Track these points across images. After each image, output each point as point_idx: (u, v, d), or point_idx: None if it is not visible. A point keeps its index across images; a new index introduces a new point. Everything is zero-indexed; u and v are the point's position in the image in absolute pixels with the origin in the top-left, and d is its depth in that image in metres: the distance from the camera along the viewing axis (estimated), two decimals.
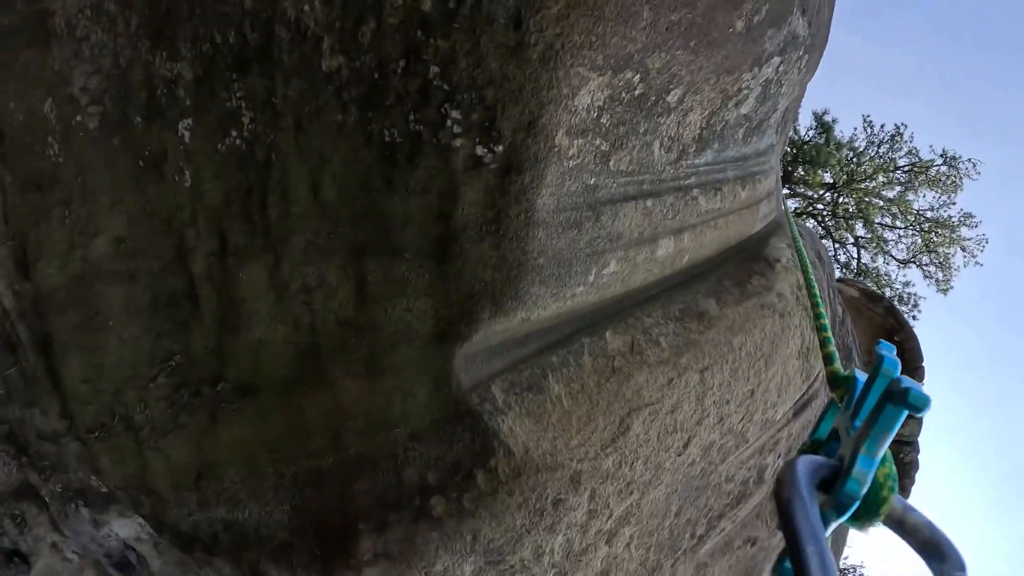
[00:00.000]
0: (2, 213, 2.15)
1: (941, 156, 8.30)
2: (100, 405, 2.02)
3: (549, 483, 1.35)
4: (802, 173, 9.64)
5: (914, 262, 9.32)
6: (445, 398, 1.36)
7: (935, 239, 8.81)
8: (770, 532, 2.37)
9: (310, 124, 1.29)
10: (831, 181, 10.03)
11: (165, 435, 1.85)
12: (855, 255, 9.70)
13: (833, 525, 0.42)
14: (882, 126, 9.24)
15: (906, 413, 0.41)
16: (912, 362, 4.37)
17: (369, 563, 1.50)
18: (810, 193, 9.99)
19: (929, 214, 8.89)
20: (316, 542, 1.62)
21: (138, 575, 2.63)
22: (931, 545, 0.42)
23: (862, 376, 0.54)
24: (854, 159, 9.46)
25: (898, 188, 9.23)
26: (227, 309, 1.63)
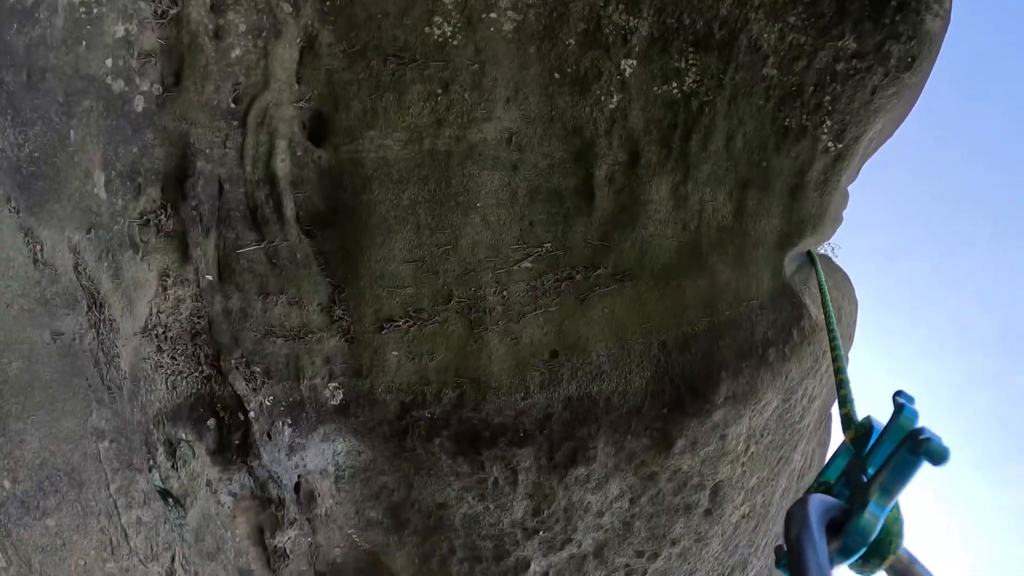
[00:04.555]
0: (294, 71, 2.10)
1: None
2: (426, 288, 2.13)
3: (822, 339, 2.50)
4: None
5: None
6: (778, 282, 2.39)
7: None
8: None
9: (742, 100, 2.25)
10: None
11: (521, 317, 2.16)
12: None
13: (838, 567, 0.45)
14: None
15: (924, 463, 0.44)
16: None
17: (720, 405, 2.27)
18: None
19: None
20: (668, 400, 2.26)
21: (285, 515, 2.35)
22: None
23: (879, 424, 0.60)
24: None
25: None
26: (623, 208, 2.24)
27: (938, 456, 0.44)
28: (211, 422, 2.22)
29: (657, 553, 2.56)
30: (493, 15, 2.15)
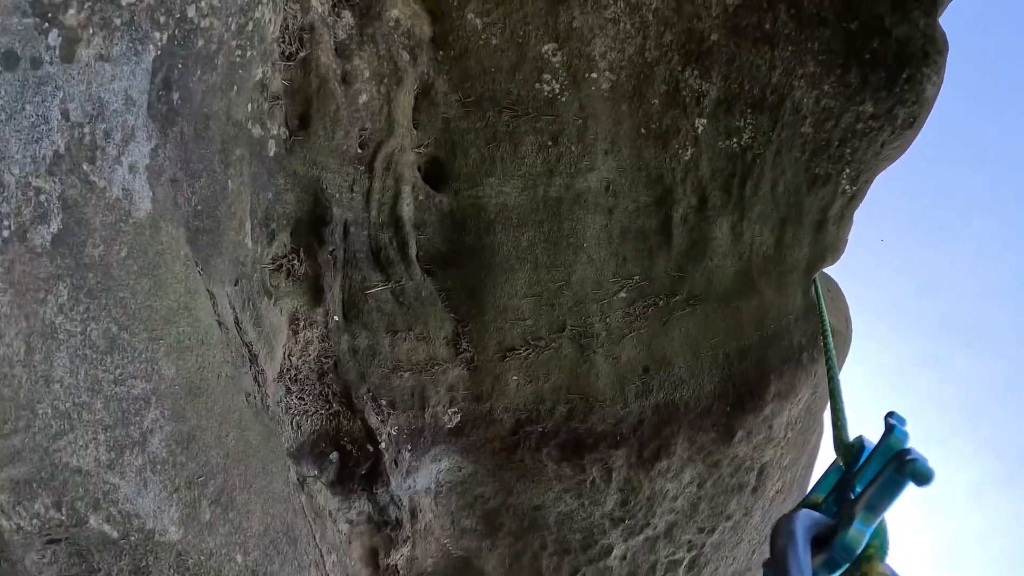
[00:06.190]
0: (411, 117, 2.21)
1: None
2: (544, 319, 2.38)
3: (839, 342, 3.13)
4: None
5: None
6: (807, 299, 2.95)
7: None
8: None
9: (786, 152, 2.73)
10: None
11: (620, 339, 2.49)
12: None
13: None
14: None
15: (909, 483, 0.46)
16: None
17: (769, 402, 2.79)
18: None
19: None
20: (731, 400, 2.74)
21: (401, 534, 2.54)
22: None
23: (869, 443, 0.63)
24: None
25: None
26: (695, 244, 2.63)
27: (923, 477, 0.46)
28: (334, 456, 2.30)
29: (715, 528, 3.06)
30: (594, 75, 2.40)
